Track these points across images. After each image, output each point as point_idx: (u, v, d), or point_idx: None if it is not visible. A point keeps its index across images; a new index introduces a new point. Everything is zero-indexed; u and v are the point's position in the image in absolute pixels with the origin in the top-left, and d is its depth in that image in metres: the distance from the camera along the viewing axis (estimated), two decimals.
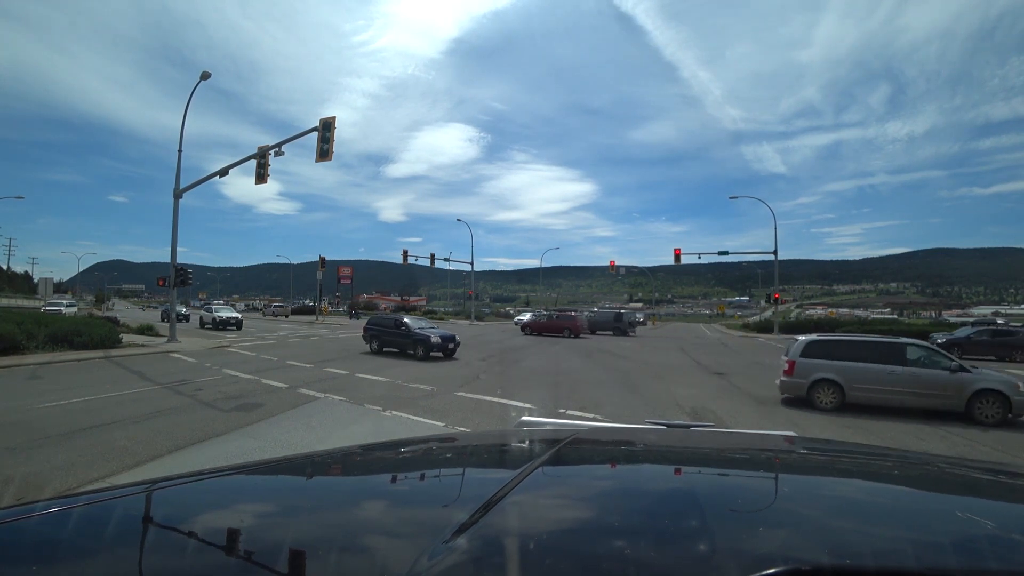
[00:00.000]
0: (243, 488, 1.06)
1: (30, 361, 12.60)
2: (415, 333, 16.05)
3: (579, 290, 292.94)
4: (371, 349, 17.28)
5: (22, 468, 4.88)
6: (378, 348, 17.11)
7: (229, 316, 29.83)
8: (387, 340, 16.88)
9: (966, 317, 76.44)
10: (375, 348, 17.20)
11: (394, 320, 17.63)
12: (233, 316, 29.96)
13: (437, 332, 16.33)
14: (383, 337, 17.06)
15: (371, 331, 17.78)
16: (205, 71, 19.26)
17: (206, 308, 33.26)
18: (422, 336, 15.81)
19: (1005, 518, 0.87)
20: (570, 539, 0.74)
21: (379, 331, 17.37)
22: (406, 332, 16.29)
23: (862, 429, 7.72)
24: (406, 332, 16.29)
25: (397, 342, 16.53)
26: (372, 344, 17.43)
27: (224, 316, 29.69)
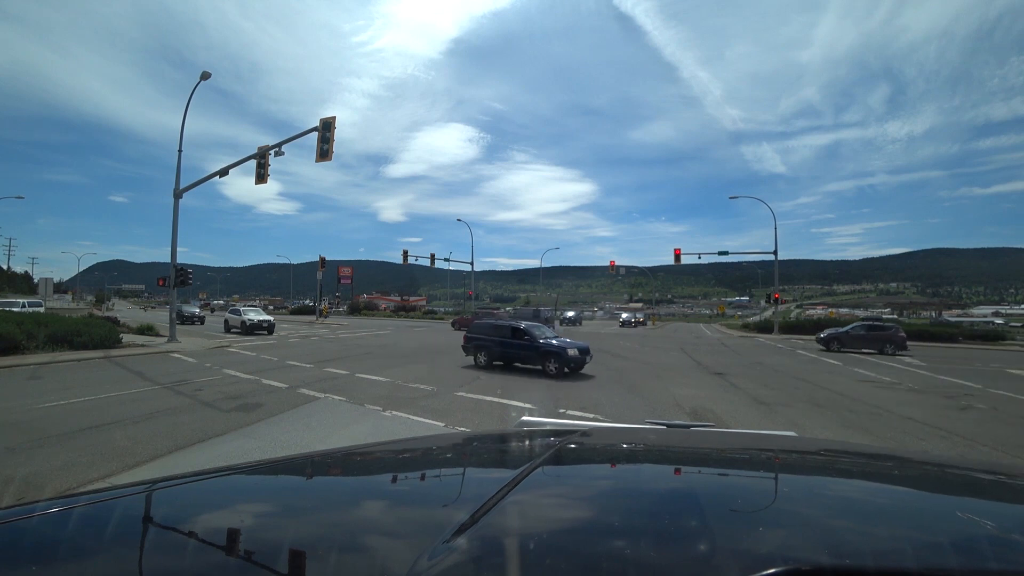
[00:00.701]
0: (243, 488, 1.06)
1: (30, 361, 12.60)
2: (543, 343, 13.07)
3: (579, 290, 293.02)
4: (476, 363, 13.98)
5: (22, 468, 4.88)
6: (487, 362, 13.81)
7: (261, 319, 26.29)
8: (501, 352, 13.75)
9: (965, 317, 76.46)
10: (482, 362, 13.88)
11: (511, 327, 13.98)
12: (265, 319, 26.48)
13: (567, 341, 13.57)
14: (495, 348, 13.81)
15: (477, 341, 14.33)
16: (205, 71, 19.28)
17: (232, 310, 29.17)
18: (556, 347, 12.77)
19: (1005, 518, 0.87)
20: (570, 539, 0.74)
21: (489, 341, 14.05)
22: (530, 342, 13.24)
23: (861, 429, 7.73)
24: (530, 342, 13.24)
25: (516, 354, 13.56)
26: (478, 357, 14.07)
27: (255, 319, 26.13)
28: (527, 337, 13.31)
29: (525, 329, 13.60)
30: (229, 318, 27.94)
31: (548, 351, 12.60)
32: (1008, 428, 7.98)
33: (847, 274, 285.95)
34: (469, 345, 14.47)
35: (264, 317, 26.95)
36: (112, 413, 7.32)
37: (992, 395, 10.98)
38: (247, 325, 25.69)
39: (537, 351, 12.84)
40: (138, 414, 7.31)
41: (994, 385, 12.37)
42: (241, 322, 26.10)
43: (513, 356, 13.56)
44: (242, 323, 26.01)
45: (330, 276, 63.57)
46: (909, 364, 17.33)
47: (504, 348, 13.60)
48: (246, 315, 26.66)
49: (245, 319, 26.09)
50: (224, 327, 27.55)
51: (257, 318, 26.37)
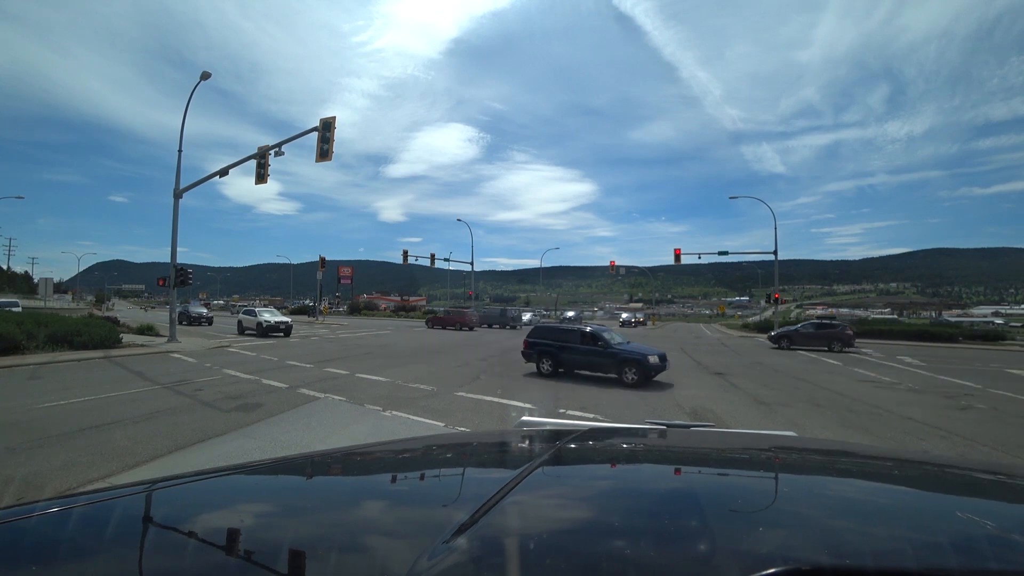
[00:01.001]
0: (243, 488, 1.06)
1: (30, 361, 12.60)
2: (621, 350, 11.88)
3: (579, 290, 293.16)
4: (540, 371, 12.70)
5: (22, 468, 4.88)
6: (552, 369, 12.54)
7: (278, 321, 24.43)
8: (569, 359, 12.51)
9: (965, 317, 76.48)
10: (547, 370, 12.58)
11: (580, 331, 12.81)
12: (282, 321, 24.69)
13: (643, 347, 12.52)
14: (562, 355, 12.51)
15: (541, 347, 12.94)
16: (205, 71, 19.28)
17: (246, 311, 26.99)
18: (636, 354, 11.59)
19: (1005, 518, 0.87)
20: (570, 539, 0.74)
21: (554, 346, 12.70)
22: (603, 348, 12.01)
23: (861, 428, 7.73)
24: (603, 348, 12.01)
25: (587, 361, 12.31)
26: (543, 364, 12.71)
27: (272, 321, 24.24)
28: (600, 342, 12.12)
29: (597, 334, 12.44)
30: (243, 319, 26.02)
31: (627, 358, 11.48)
32: (1008, 428, 7.98)
33: (847, 274, 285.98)
34: (531, 351, 13.03)
35: (281, 318, 25.22)
36: (112, 413, 7.32)
37: (992, 395, 10.98)
38: (263, 327, 23.92)
39: (614, 358, 11.66)
40: (138, 414, 7.31)
41: (994, 385, 12.37)
42: (257, 324, 24.32)
43: (583, 363, 12.31)
44: (258, 325, 24.23)
45: (330, 276, 63.58)
46: (909, 364, 17.33)
47: (573, 355, 12.37)
48: (262, 316, 24.76)
49: (261, 321, 24.25)
50: (237, 329, 25.87)
51: (274, 319, 24.60)
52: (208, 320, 33.54)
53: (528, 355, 13.10)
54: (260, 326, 24.01)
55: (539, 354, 12.84)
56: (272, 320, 24.43)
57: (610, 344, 12.04)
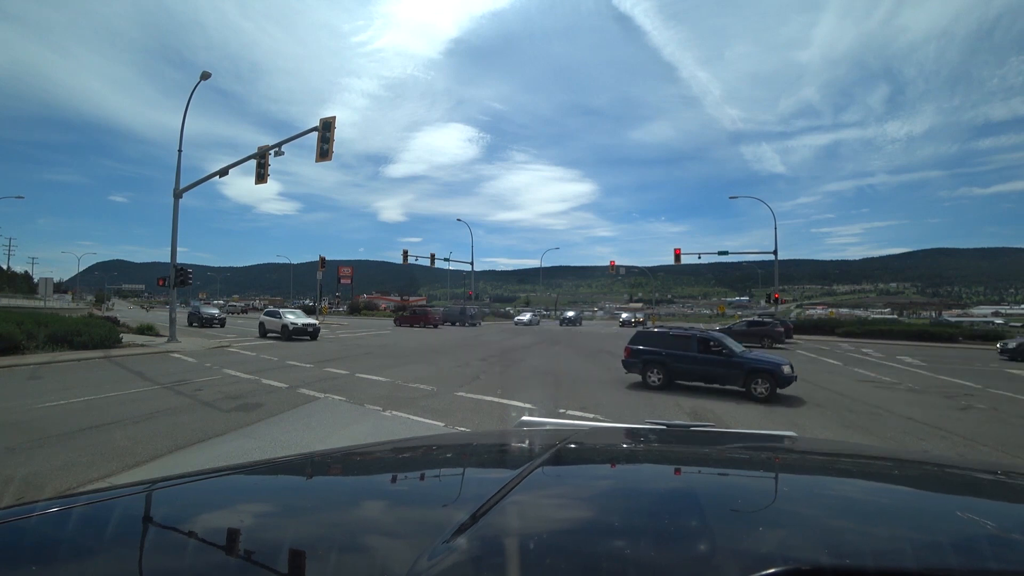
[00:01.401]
0: (243, 488, 1.06)
1: (30, 361, 12.60)
2: (749, 359, 10.45)
3: (579, 290, 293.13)
4: (647, 382, 11.06)
5: (22, 468, 4.89)
6: (662, 380, 10.91)
7: (305, 323, 22.91)
8: (683, 369, 10.92)
9: (965, 317, 76.52)
10: (656, 381, 10.96)
11: (696, 337, 11.14)
12: (309, 323, 23.17)
13: (769, 356, 11.40)
14: (675, 364, 10.95)
15: (648, 355, 11.26)
16: (205, 71, 19.30)
17: (269, 312, 25.02)
18: (767, 364, 10.26)
19: (1005, 518, 0.87)
20: (570, 539, 0.74)
21: (665, 355, 11.09)
22: (727, 357, 10.48)
23: (861, 428, 7.73)
24: (727, 357, 10.48)
25: (706, 372, 10.71)
26: (650, 375, 11.09)
27: (299, 323, 22.66)
28: (722, 350, 10.65)
29: (718, 339, 10.97)
30: (266, 321, 24.14)
31: (757, 368, 10.14)
32: (1008, 428, 7.98)
33: (847, 274, 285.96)
34: (635, 360, 11.41)
35: (308, 320, 23.64)
36: (112, 413, 7.32)
37: (992, 395, 10.99)
38: (289, 330, 22.19)
39: (740, 368, 10.25)
40: (138, 414, 7.31)
41: (994, 385, 12.38)
42: (282, 326, 22.60)
43: (701, 374, 10.83)
44: (283, 328, 22.51)
45: (330, 276, 63.60)
46: (909, 364, 17.33)
47: (688, 364, 10.90)
48: (287, 318, 23.07)
49: (286, 323, 22.58)
50: (259, 331, 24.06)
51: (300, 322, 22.96)
52: (220, 322, 31.24)
53: (631, 364, 11.52)
54: (285, 329, 22.38)
55: (645, 363, 11.25)
56: (299, 322, 22.83)
57: (734, 352, 10.58)
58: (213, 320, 31.07)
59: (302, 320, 23.34)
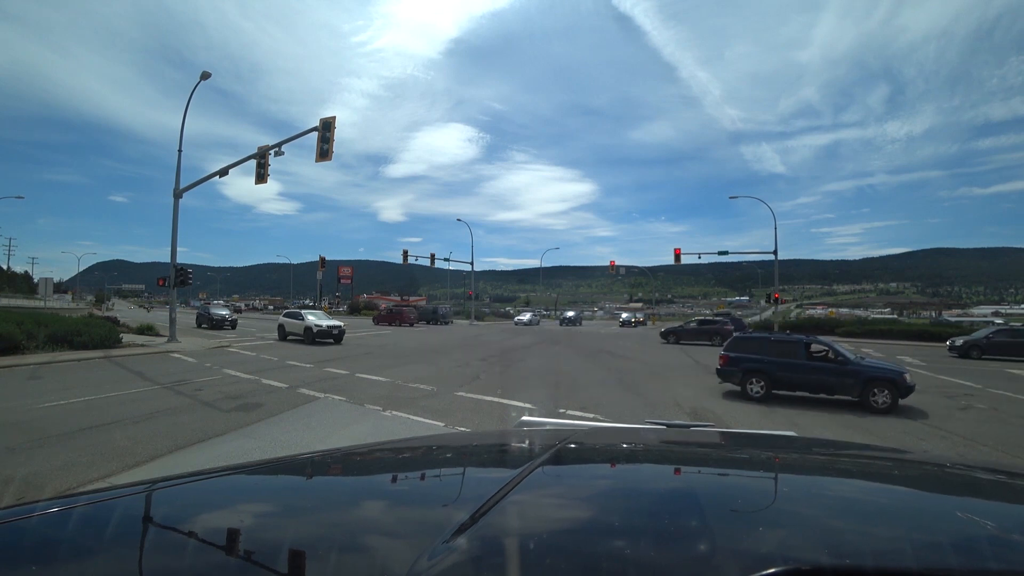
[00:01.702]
0: (243, 488, 1.06)
1: (30, 361, 12.60)
2: (864, 366, 9.57)
3: (579, 290, 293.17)
4: (749, 392, 10.06)
5: (22, 468, 4.89)
6: (764, 390, 9.91)
7: (330, 326, 21.09)
8: (790, 378, 9.89)
9: (965, 317, 76.57)
10: (757, 391, 9.97)
11: (802, 342, 10.23)
12: (335, 325, 21.39)
13: (886, 363, 10.50)
14: (780, 373, 9.89)
15: (749, 363, 10.24)
16: (205, 71, 19.30)
17: (290, 313, 23.47)
18: (885, 372, 9.40)
19: (1005, 518, 0.87)
20: (570, 539, 0.74)
21: (769, 363, 10.04)
22: (841, 364, 9.58)
23: (862, 428, 7.73)
24: (841, 364, 9.58)
25: (817, 381, 9.73)
26: (750, 384, 10.09)
27: (323, 325, 20.88)
28: (837, 357, 9.77)
29: (829, 345, 10.12)
30: (286, 323, 22.36)
31: (876, 376, 9.23)
32: (1008, 428, 7.99)
33: (847, 274, 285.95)
34: (733, 368, 10.39)
35: (333, 322, 21.75)
36: (112, 413, 7.33)
37: (992, 395, 10.99)
38: (312, 333, 20.41)
39: (857, 377, 9.31)
40: (138, 414, 7.31)
41: (994, 385, 12.38)
42: (305, 329, 20.80)
43: (811, 384, 9.85)
44: (306, 330, 20.72)
45: (330, 276, 63.62)
46: (909, 364, 17.33)
47: (796, 373, 9.90)
48: (309, 320, 21.30)
49: (310, 325, 20.77)
50: (279, 334, 22.34)
51: (325, 324, 21.12)
52: (232, 323, 28.95)
53: (729, 373, 10.49)
54: (308, 332, 20.57)
55: (746, 372, 10.19)
56: (323, 324, 21.02)
57: (849, 359, 9.75)
58: (224, 322, 28.80)
59: (326, 322, 21.50)
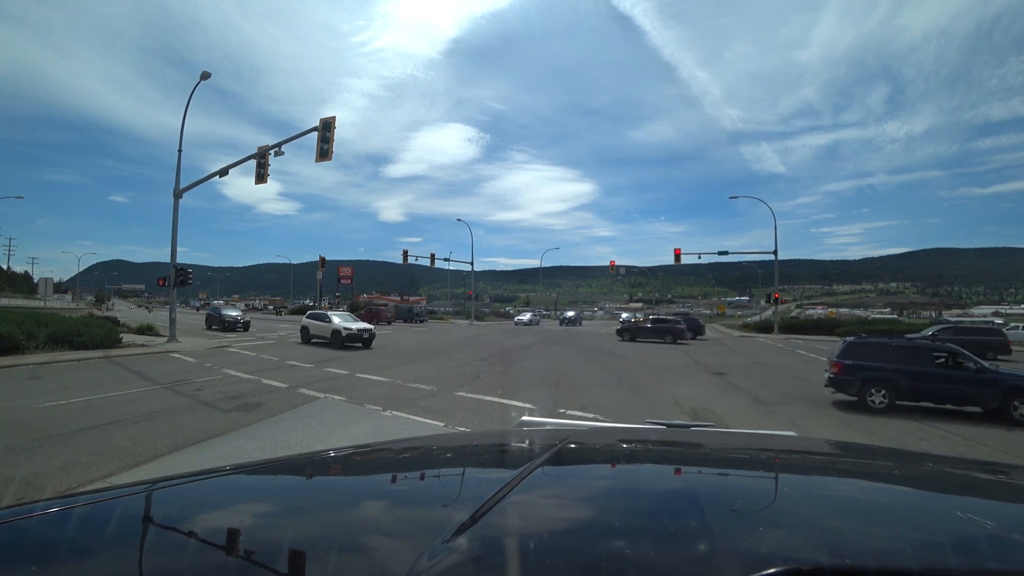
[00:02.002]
0: (243, 488, 1.06)
1: (30, 361, 12.60)
2: (1002, 374, 8.89)
3: (579, 290, 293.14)
4: (870, 403, 9.14)
5: (22, 468, 4.89)
6: (888, 401, 9.06)
7: (360, 328, 19.41)
8: (918, 388, 9.03)
9: (965, 317, 76.61)
10: (880, 403, 9.09)
11: (929, 349, 9.51)
12: (365, 328, 19.65)
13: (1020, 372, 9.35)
14: (906, 383, 9.04)
15: (869, 371, 9.33)
16: (205, 71, 19.29)
17: (314, 315, 21.61)
18: None
19: (1005, 518, 0.87)
20: (570, 539, 0.74)
21: (892, 371, 9.21)
22: (976, 373, 8.82)
23: (862, 429, 7.73)
24: (976, 373, 8.82)
25: (947, 391, 8.94)
26: (872, 395, 9.20)
27: (353, 329, 19.17)
28: (969, 364, 8.97)
29: (956, 352, 9.24)
30: (311, 325, 20.66)
31: (1020, 386, 8.54)
32: (1008, 428, 7.98)
33: (847, 274, 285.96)
34: (850, 377, 9.41)
35: (363, 325, 20.02)
36: (112, 413, 7.32)
37: None
38: (341, 336, 18.65)
39: (997, 386, 8.59)
40: (138, 414, 7.31)
41: None
42: (333, 332, 19.02)
43: (941, 394, 9.01)
44: (333, 333, 18.93)
45: (330, 276, 63.54)
46: None
47: (922, 381, 9.05)
48: (337, 322, 19.55)
49: (339, 328, 18.96)
50: (302, 337, 20.86)
51: (355, 327, 19.32)
52: (244, 325, 27.05)
53: (845, 383, 9.48)
54: (337, 335, 18.77)
55: (865, 382, 9.26)
56: (353, 328, 19.21)
57: (985, 367, 8.98)
58: (237, 323, 26.77)
59: (355, 325, 19.75)
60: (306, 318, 21.76)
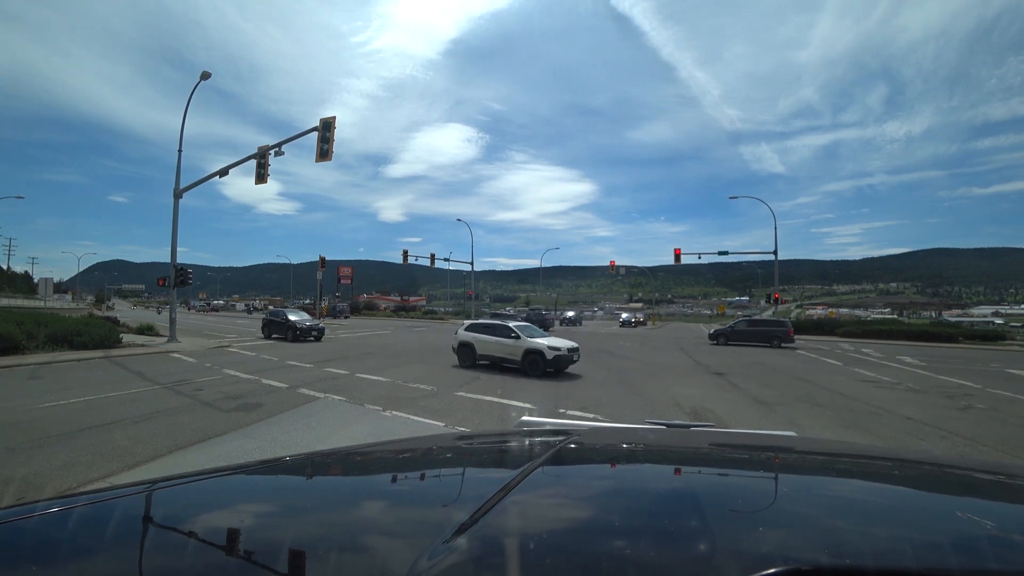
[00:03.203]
0: (243, 488, 1.06)
1: (30, 361, 12.60)
2: None
3: (579, 290, 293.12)
4: None
5: (22, 468, 4.88)
6: None
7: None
8: None
9: (965, 317, 76.70)
10: None
11: None
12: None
13: None
14: None
15: None
16: (205, 71, 19.29)
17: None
18: None
19: (1005, 518, 0.87)
20: (570, 539, 0.74)
21: None
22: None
23: (862, 428, 7.72)
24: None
25: None
26: None
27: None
28: None
29: None
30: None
31: None
32: (1008, 428, 7.98)
33: (847, 274, 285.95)
34: None
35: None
36: (112, 413, 7.32)
37: (992, 395, 10.98)
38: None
39: None
40: (138, 414, 7.31)
41: (994, 385, 12.36)
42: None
43: None
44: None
45: (330, 276, 63.56)
46: (909, 364, 17.32)
47: None
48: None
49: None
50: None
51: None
52: (319, 333, 21.17)
53: None
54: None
55: None
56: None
57: None
58: (310, 333, 20.92)
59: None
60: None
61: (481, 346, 14.12)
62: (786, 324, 26.17)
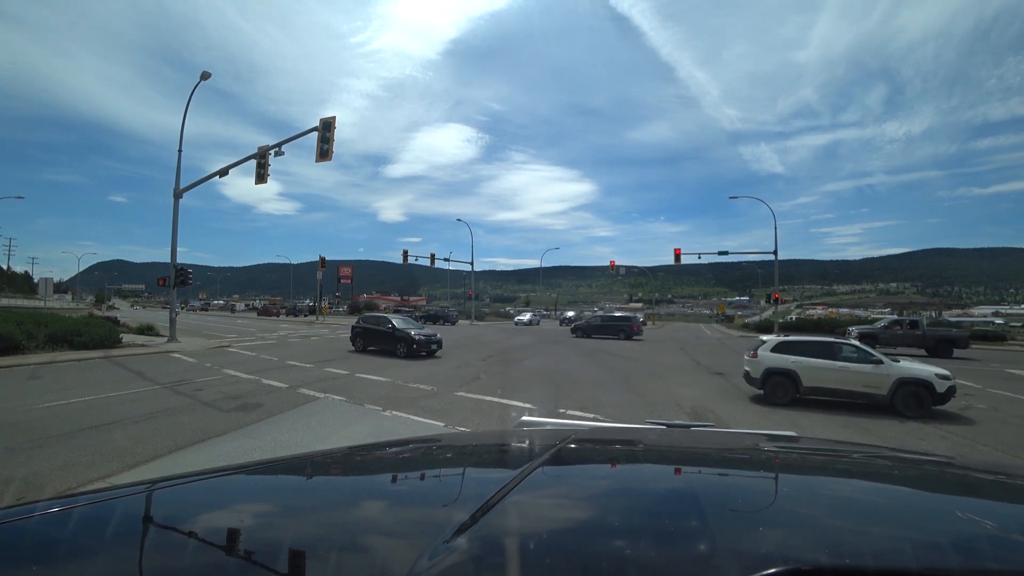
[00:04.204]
0: (243, 488, 1.06)
1: (30, 361, 12.59)
2: None
3: (579, 290, 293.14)
4: None
5: (22, 468, 4.88)
6: None
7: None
8: None
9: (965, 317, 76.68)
10: None
11: None
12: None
13: None
14: None
15: None
16: (205, 71, 19.27)
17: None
18: None
19: (1005, 518, 0.87)
20: (570, 539, 0.74)
21: None
22: None
23: (862, 428, 7.73)
24: None
25: None
26: None
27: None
28: None
29: None
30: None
31: None
32: (1008, 428, 7.98)
33: (847, 274, 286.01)
34: None
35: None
36: (112, 413, 7.32)
37: (992, 395, 10.98)
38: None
39: None
40: (138, 414, 7.31)
41: (994, 385, 12.36)
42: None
43: None
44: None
45: (330, 276, 63.55)
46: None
47: None
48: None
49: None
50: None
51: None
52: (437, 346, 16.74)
53: None
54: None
55: None
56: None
57: None
58: (430, 344, 16.49)
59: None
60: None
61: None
62: None
